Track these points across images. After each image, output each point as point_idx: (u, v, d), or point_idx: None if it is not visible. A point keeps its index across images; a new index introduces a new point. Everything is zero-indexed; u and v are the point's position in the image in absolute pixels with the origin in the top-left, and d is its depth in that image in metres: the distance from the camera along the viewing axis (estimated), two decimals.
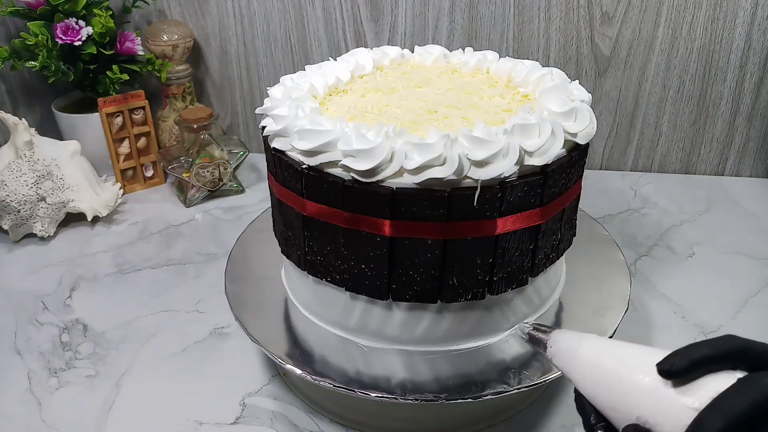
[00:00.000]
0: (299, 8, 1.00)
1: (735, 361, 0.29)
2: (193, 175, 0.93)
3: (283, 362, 0.53)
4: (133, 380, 0.64)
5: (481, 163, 0.46)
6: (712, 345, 0.30)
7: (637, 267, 0.79)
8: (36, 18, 0.92)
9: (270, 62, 1.06)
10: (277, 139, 0.53)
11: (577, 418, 0.59)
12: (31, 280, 0.80)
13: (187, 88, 1.06)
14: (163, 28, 1.00)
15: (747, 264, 0.80)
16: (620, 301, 0.59)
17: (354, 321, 0.55)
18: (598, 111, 1.00)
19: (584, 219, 0.71)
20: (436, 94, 0.58)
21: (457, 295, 0.51)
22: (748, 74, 0.94)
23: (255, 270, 0.66)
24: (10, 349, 0.69)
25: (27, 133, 0.84)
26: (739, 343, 0.30)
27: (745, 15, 0.89)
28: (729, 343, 0.30)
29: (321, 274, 0.54)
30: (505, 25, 0.96)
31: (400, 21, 0.98)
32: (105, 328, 0.72)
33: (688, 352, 0.30)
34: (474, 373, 0.52)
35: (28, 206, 0.84)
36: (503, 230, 0.48)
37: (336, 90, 0.61)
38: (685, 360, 0.30)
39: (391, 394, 0.50)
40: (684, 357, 0.30)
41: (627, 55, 0.95)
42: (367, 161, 0.46)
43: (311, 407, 0.60)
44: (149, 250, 0.86)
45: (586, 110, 0.52)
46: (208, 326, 0.71)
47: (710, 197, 0.96)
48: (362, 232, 0.49)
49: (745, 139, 0.99)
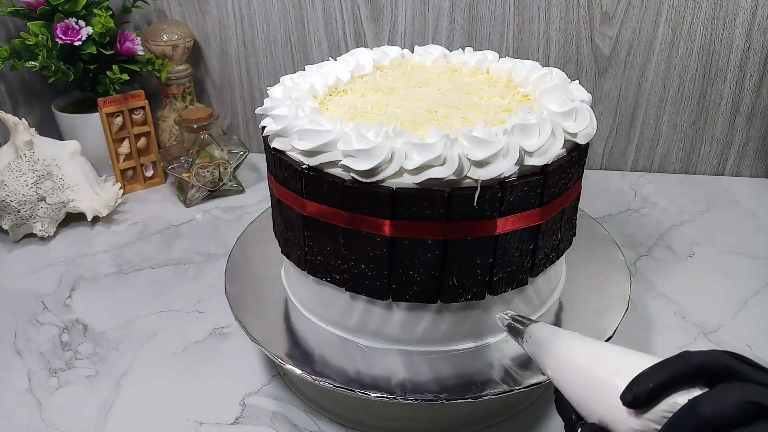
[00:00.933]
0: (299, 8, 1.00)
1: (693, 380, 0.29)
2: (193, 175, 0.93)
3: (283, 362, 0.53)
4: (133, 380, 0.64)
5: (481, 163, 0.46)
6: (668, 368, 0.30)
7: (637, 267, 0.79)
8: (36, 18, 0.92)
9: (270, 62, 1.06)
10: (277, 139, 0.53)
11: None
12: (31, 280, 0.80)
13: (187, 88, 1.06)
14: (163, 28, 1.00)
15: (747, 264, 0.80)
16: (620, 301, 0.59)
17: (354, 321, 0.55)
18: (598, 111, 1.00)
19: (584, 219, 0.71)
20: (436, 94, 0.58)
21: (457, 295, 0.51)
22: (748, 74, 0.94)
23: (255, 270, 0.66)
24: (10, 349, 0.69)
25: (27, 133, 0.84)
26: (695, 361, 0.30)
27: (745, 15, 0.89)
28: (686, 362, 0.30)
29: (321, 274, 0.54)
30: (505, 25, 0.96)
31: (400, 21, 0.98)
32: (105, 328, 0.72)
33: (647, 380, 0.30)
34: (474, 373, 0.52)
35: (28, 206, 0.84)
36: (503, 230, 0.48)
37: (336, 90, 0.61)
38: (645, 390, 0.30)
39: (391, 394, 0.50)
40: (643, 387, 0.30)
41: (627, 55, 0.95)
42: (367, 161, 0.46)
43: (311, 407, 0.60)
44: (149, 250, 0.86)
45: (586, 110, 0.52)
46: (208, 326, 0.71)
47: (710, 197, 0.96)
48: (362, 232, 0.49)
49: (745, 139, 0.99)
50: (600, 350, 0.35)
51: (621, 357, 0.33)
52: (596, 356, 0.35)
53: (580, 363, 0.35)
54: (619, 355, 0.34)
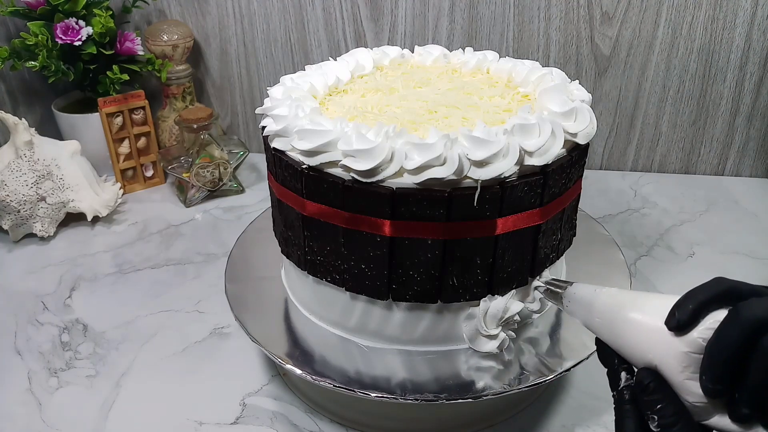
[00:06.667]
0: (299, 8, 1.00)
1: (726, 301, 0.32)
2: (193, 175, 0.93)
3: (283, 362, 0.53)
4: (133, 380, 0.64)
5: (481, 163, 0.46)
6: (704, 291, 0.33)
7: (637, 267, 0.79)
8: (36, 18, 0.92)
9: (270, 62, 1.06)
10: (277, 139, 0.53)
11: (577, 418, 0.59)
12: (31, 280, 0.80)
13: (187, 88, 1.06)
14: (163, 28, 1.00)
15: (747, 264, 0.80)
16: None
17: (354, 321, 0.55)
18: (598, 111, 1.00)
19: (584, 219, 0.71)
20: (436, 94, 0.58)
21: (457, 295, 0.51)
22: (748, 74, 0.94)
23: (255, 270, 0.66)
24: (10, 349, 0.69)
25: (27, 133, 0.84)
26: (727, 285, 0.33)
27: (745, 15, 0.89)
28: (720, 285, 0.33)
29: (321, 274, 0.54)
30: (505, 25, 0.96)
31: (400, 21, 0.98)
32: (105, 328, 0.72)
33: (687, 303, 0.33)
34: (474, 373, 0.52)
35: (28, 206, 0.84)
36: (503, 230, 0.48)
37: (336, 90, 0.61)
38: (687, 312, 0.33)
39: (391, 394, 0.50)
40: (684, 309, 0.33)
41: (627, 55, 0.95)
42: (367, 161, 0.46)
43: (311, 407, 0.60)
44: (149, 250, 0.86)
45: (586, 110, 0.52)
46: (208, 326, 0.71)
47: (710, 197, 0.96)
48: (362, 232, 0.49)
49: (745, 139, 0.99)
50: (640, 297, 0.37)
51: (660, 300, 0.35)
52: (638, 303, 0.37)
53: (623, 314, 0.37)
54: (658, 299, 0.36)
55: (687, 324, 0.32)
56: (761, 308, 0.30)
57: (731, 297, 0.32)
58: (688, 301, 0.33)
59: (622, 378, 0.37)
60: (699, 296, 0.33)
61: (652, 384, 0.34)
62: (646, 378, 0.34)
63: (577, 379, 0.62)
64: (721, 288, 0.33)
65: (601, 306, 0.39)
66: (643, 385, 0.34)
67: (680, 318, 0.33)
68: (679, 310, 0.33)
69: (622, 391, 0.36)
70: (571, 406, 0.60)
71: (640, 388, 0.34)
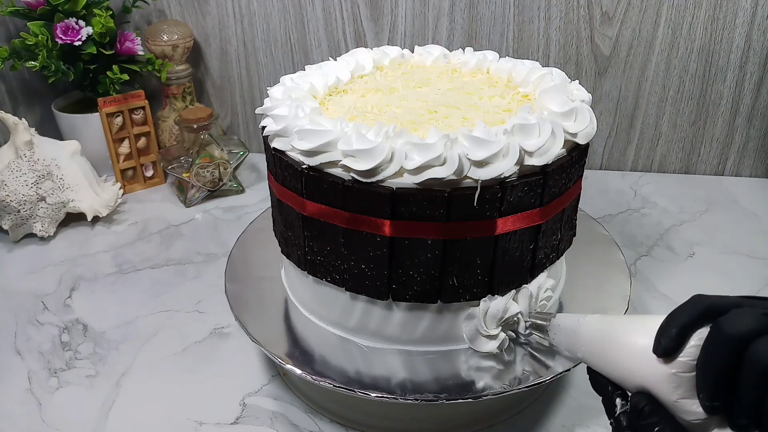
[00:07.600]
0: (299, 8, 1.00)
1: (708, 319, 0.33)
2: (193, 175, 0.93)
3: (283, 362, 0.53)
4: (133, 380, 0.64)
5: (481, 163, 0.46)
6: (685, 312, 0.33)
7: (637, 267, 0.79)
8: (36, 18, 0.92)
9: (270, 62, 1.06)
10: (277, 139, 0.53)
11: (577, 418, 0.59)
12: (31, 280, 0.80)
13: (187, 88, 1.06)
14: (163, 28, 1.00)
15: (747, 264, 0.80)
16: (620, 301, 0.59)
17: (354, 321, 0.55)
18: (598, 111, 1.00)
19: (584, 219, 0.71)
20: (436, 94, 0.58)
21: (457, 295, 0.51)
22: (748, 74, 0.94)
23: (255, 270, 0.66)
24: (10, 349, 0.69)
25: (27, 133, 0.84)
26: (707, 302, 0.33)
27: (745, 15, 0.89)
28: (699, 303, 0.33)
29: (321, 274, 0.54)
30: (505, 25, 0.96)
31: (400, 21, 0.98)
32: (105, 328, 0.72)
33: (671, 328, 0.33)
34: (474, 373, 0.52)
35: (28, 206, 0.84)
36: (503, 230, 0.48)
37: (336, 90, 0.61)
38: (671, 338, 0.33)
39: (391, 394, 0.50)
40: (669, 335, 0.33)
41: (627, 55, 0.95)
42: (367, 161, 0.46)
43: (311, 407, 0.60)
44: (149, 250, 0.86)
45: (586, 110, 0.52)
46: (208, 326, 0.71)
47: (710, 197, 0.96)
48: (362, 232, 0.49)
49: (745, 139, 0.99)
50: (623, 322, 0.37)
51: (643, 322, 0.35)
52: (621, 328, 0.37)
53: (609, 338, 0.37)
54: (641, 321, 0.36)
55: (674, 349, 0.33)
56: (741, 322, 0.31)
57: (712, 313, 0.33)
58: (671, 325, 0.33)
59: (618, 404, 0.37)
60: (681, 319, 0.33)
61: (647, 407, 0.34)
62: (640, 402, 0.34)
63: (577, 379, 0.62)
64: (701, 306, 0.33)
65: (587, 335, 0.40)
66: (638, 409, 0.34)
67: (666, 345, 0.33)
68: (664, 336, 0.33)
69: (619, 417, 0.36)
70: (571, 406, 0.60)
71: (636, 412, 0.34)
